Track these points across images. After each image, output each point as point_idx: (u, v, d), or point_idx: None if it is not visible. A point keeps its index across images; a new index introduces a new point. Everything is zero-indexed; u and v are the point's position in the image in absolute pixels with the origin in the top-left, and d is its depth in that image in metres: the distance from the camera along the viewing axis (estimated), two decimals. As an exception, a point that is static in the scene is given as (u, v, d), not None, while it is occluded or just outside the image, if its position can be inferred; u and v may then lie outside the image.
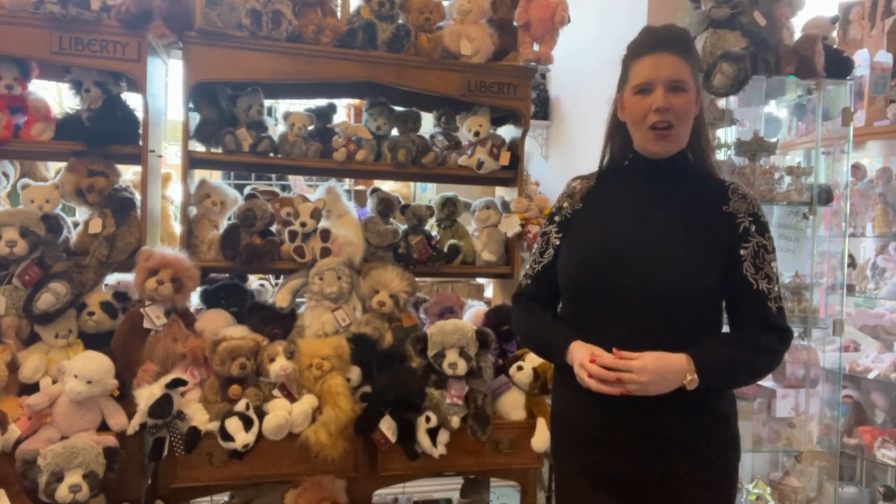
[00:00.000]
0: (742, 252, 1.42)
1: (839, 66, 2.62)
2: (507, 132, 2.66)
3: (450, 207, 2.57)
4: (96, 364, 1.88)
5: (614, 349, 1.35)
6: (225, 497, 2.25)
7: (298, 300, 2.36)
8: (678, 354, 1.34)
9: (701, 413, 1.40)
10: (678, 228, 1.42)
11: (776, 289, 1.44)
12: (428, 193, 4.11)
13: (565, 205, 1.55)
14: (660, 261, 1.38)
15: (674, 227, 1.42)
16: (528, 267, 1.62)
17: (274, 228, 2.38)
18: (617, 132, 1.52)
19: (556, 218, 1.56)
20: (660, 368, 1.32)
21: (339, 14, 2.46)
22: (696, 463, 1.40)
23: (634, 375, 1.31)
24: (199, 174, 2.55)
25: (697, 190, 1.46)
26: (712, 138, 2.53)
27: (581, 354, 1.38)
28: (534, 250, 1.62)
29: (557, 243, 1.54)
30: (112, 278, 2.16)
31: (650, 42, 1.42)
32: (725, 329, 1.51)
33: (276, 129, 2.45)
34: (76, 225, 2.28)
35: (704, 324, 1.42)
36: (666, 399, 1.34)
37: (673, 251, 1.39)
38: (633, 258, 1.39)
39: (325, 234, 2.27)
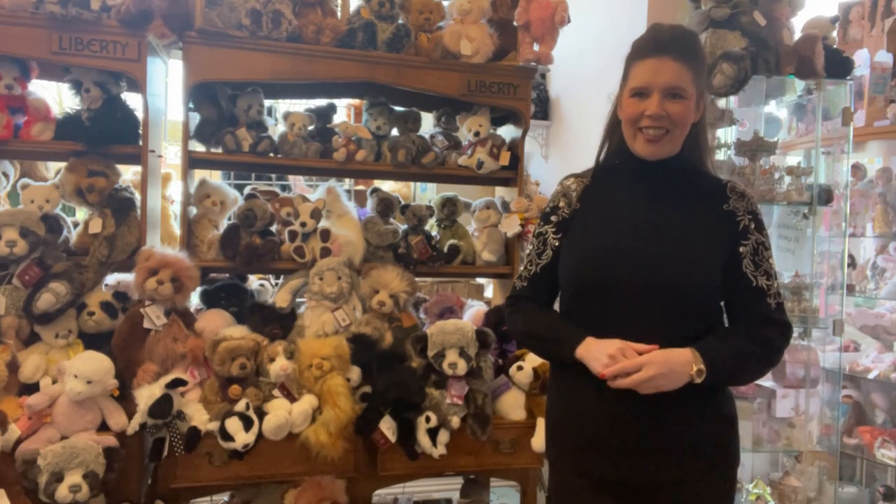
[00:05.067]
0: (742, 249, 1.43)
1: (839, 66, 2.62)
2: (507, 132, 2.66)
3: (450, 207, 2.57)
4: (96, 364, 1.88)
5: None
6: (225, 497, 2.25)
7: (298, 300, 2.36)
8: (681, 349, 1.34)
9: (705, 414, 1.40)
10: (682, 227, 1.42)
11: (775, 285, 1.45)
12: (428, 193, 4.11)
13: (561, 204, 1.53)
14: (668, 260, 1.38)
15: (678, 226, 1.42)
16: (522, 269, 1.59)
17: (274, 228, 2.38)
18: (616, 130, 1.50)
19: (553, 218, 1.54)
20: (666, 360, 1.32)
21: (339, 14, 2.46)
22: (699, 466, 1.39)
23: (641, 372, 1.30)
24: (199, 174, 2.55)
25: (695, 190, 1.46)
26: (712, 139, 2.52)
27: (605, 347, 1.36)
28: (528, 252, 1.59)
29: (556, 244, 1.52)
30: (112, 278, 2.16)
31: (653, 44, 1.40)
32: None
33: (276, 129, 2.45)
34: (76, 225, 2.28)
35: (708, 321, 1.43)
36: (670, 400, 1.33)
37: (680, 250, 1.39)
38: (642, 257, 1.39)
39: (325, 234, 2.27)
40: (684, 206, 1.44)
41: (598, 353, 1.36)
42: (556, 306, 1.58)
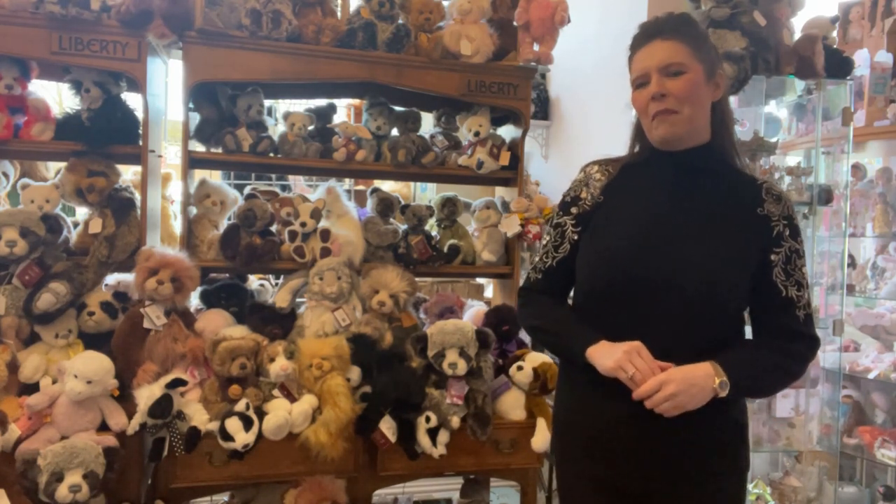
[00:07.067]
0: (773, 257, 1.36)
1: (839, 66, 2.62)
2: (507, 132, 2.66)
3: (450, 207, 2.57)
4: (96, 364, 1.88)
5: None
6: (225, 497, 2.25)
7: (298, 300, 2.36)
8: (700, 363, 1.29)
9: (714, 420, 1.34)
10: (708, 232, 1.36)
11: (806, 295, 1.37)
12: (428, 193, 4.12)
13: (583, 195, 1.47)
14: (691, 265, 1.32)
15: (704, 230, 1.36)
16: (538, 260, 1.54)
17: (274, 228, 2.38)
18: (641, 131, 1.45)
19: (574, 210, 1.47)
20: (685, 376, 1.26)
21: (339, 14, 2.46)
22: (706, 472, 1.36)
23: (662, 391, 1.25)
24: (199, 174, 2.55)
25: (728, 189, 1.39)
26: None
27: (619, 345, 1.31)
28: (545, 242, 1.54)
29: (576, 238, 1.46)
30: (112, 278, 2.16)
31: (643, 34, 1.38)
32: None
33: (276, 129, 2.45)
34: (76, 225, 2.28)
35: (730, 329, 1.37)
36: None
37: (701, 257, 1.33)
38: (664, 262, 1.33)
39: (325, 234, 2.27)
40: (713, 209, 1.37)
41: (611, 350, 1.31)
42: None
